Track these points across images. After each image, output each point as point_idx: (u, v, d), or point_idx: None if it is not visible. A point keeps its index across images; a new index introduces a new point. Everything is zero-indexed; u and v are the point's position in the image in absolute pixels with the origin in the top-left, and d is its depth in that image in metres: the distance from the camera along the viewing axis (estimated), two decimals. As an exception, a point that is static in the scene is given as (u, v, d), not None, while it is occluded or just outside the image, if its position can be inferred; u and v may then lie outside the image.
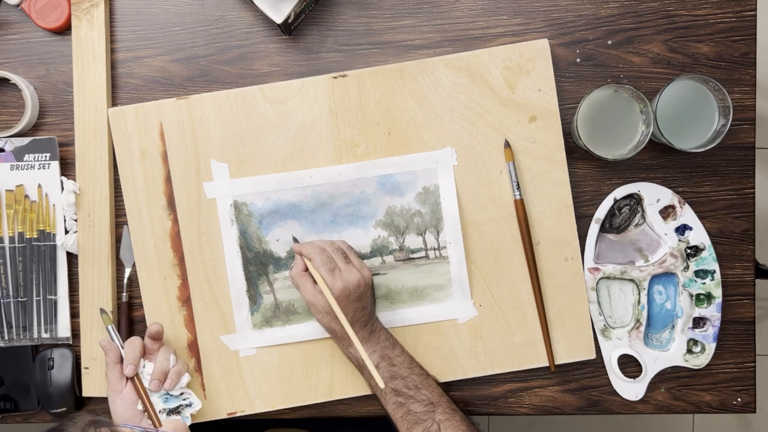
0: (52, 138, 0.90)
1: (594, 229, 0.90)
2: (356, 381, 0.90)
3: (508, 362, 0.90)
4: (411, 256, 0.90)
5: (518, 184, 0.88)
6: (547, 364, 0.90)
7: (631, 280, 0.91)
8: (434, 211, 0.89)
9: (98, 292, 0.90)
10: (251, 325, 0.89)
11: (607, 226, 0.91)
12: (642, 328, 0.90)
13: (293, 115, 0.88)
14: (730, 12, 0.89)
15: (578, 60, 0.90)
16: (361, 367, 0.86)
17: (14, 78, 0.89)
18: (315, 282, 0.84)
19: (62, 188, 0.90)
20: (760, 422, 1.71)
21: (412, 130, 0.88)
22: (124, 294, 0.91)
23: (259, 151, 0.89)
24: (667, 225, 0.90)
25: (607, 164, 0.90)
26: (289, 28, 0.89)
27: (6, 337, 0.91)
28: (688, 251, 0.90)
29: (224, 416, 0.90)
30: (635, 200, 0.90)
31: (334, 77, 0.88)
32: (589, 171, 0.91)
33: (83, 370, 0.90)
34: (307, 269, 0.86)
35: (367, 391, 0.89)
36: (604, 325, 0.90)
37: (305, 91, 0.88)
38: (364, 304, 0.84)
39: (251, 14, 0.91)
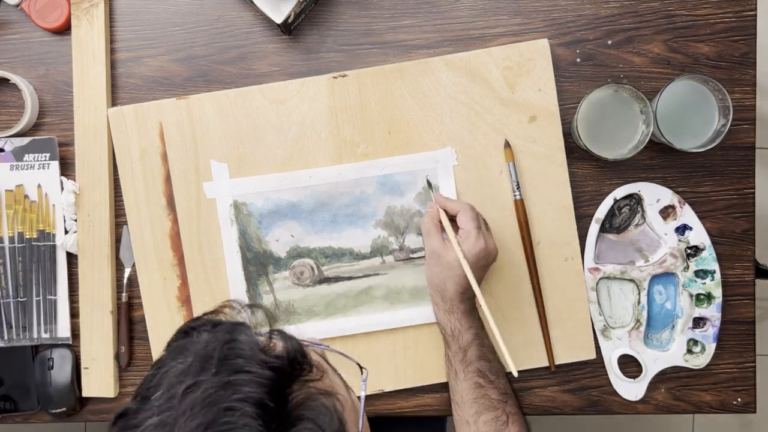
0: (51, 138, 0.90)
1: (594, 229, 0.90)
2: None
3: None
4: (411, 255, 0.90)
5: (518, 185, 0.88)
6: (547, 364, 0.90)
7: (631, 280, 0.90)
8: (434, 211, 0.89)
9: (98, 292, 0.90)
10: (251, 325, 0.89)
11: (607, 226, 0.91)
12: (642, 328, 0.90)
13: (293, 115, 0.88)
14: (730, 12, 0.89)
15: (578, 60, 0.90)
16: (450, 337, 0.83)
17: (14, 78, 0.89)
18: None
19: (62, 188, 0.90)
20: (760, 422, 1.70)
21: (412, 130, 0.88)
22: (124, 294, 0.91)
23: (258, 151, 0.89)
24: (667, 225, 0.90)
25: (607, 164, 0.90)
26: (289, 28, 0.89)
27: (6, 337, 0.91)
28: (688, 251, 0.90)
29: (224, 416, 0.90)
30: (635, 200, 0.90)
31: (334, 77, 0.88)
32: (589, 171, 0.90)
33: (83, 370, 0.90)
34: (440, 221, 0.84)
35: (367, 392, 0.89)
36: (604, 325, 0.90)
37: (305, 91, 0.88)
38: (482, 275, 0.83)
39: (251, 14, 0.91)
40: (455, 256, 0.80)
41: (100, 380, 0.90)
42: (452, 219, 0.84)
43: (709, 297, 0.90)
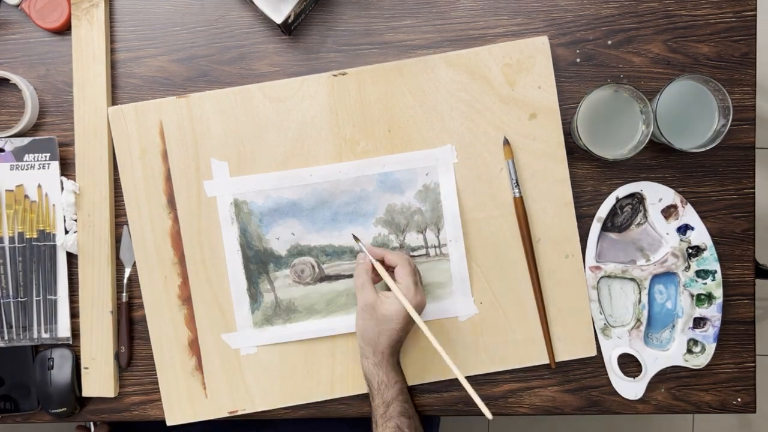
0: (51, 138, 0.90)
1: (596, 227, 0.90)
2: (357, 380, 0.90)
3: (508, 359, 0.90)
4: (411, 254, 0.89)
5: (517, 182, 0.88)
6: (547, 361, 0.90)
7: (632, 279, 0.90)
8: (434, 208, 0.89)
9: (98, 292, 0.90)
10: (252, 323, 0.89)
11: (608, 225, 0.91)
12: (642, 328, 0.90)
13: (293, 114, 0.89)
14: (730, 12, 0.90)
15: (578, 60, 0.90)
16: (376, 390, 0.84)
17: (14, 78, 0.89)
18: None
19: (62, 188, 0.90)
20: (760, 422, 1.70)
21: (412, 128, 0.88)
22: (124, 294, 0.91)
23: (259, 150, 0.89)
24: (669, 225, 0.90)
25: (607, 164, 0.90)
26: (289, 28, 0.89)
27: (6, 337, 0.91)
28: (690, 251, 0.90)
29: (225, 414, 0.90)
30: (637, 199, 0.90)
31: (334, 75, 0.88)
32: (589, 171, 0.91)
33: (83, 370, 0.90)
34: (374, 270, 0.84)
35: (366, 390, 0.89)
36: (605, 324, 0.90)
37: (305, 89, 0.88)
38: (410, 327, 0.84)
39: (251, 14, 0.91)
40: (390, 309, 0.81)
41: (100, 380, 0.90)
42: (388, 268, 0.85)
43: (709, 297, 0.90)
